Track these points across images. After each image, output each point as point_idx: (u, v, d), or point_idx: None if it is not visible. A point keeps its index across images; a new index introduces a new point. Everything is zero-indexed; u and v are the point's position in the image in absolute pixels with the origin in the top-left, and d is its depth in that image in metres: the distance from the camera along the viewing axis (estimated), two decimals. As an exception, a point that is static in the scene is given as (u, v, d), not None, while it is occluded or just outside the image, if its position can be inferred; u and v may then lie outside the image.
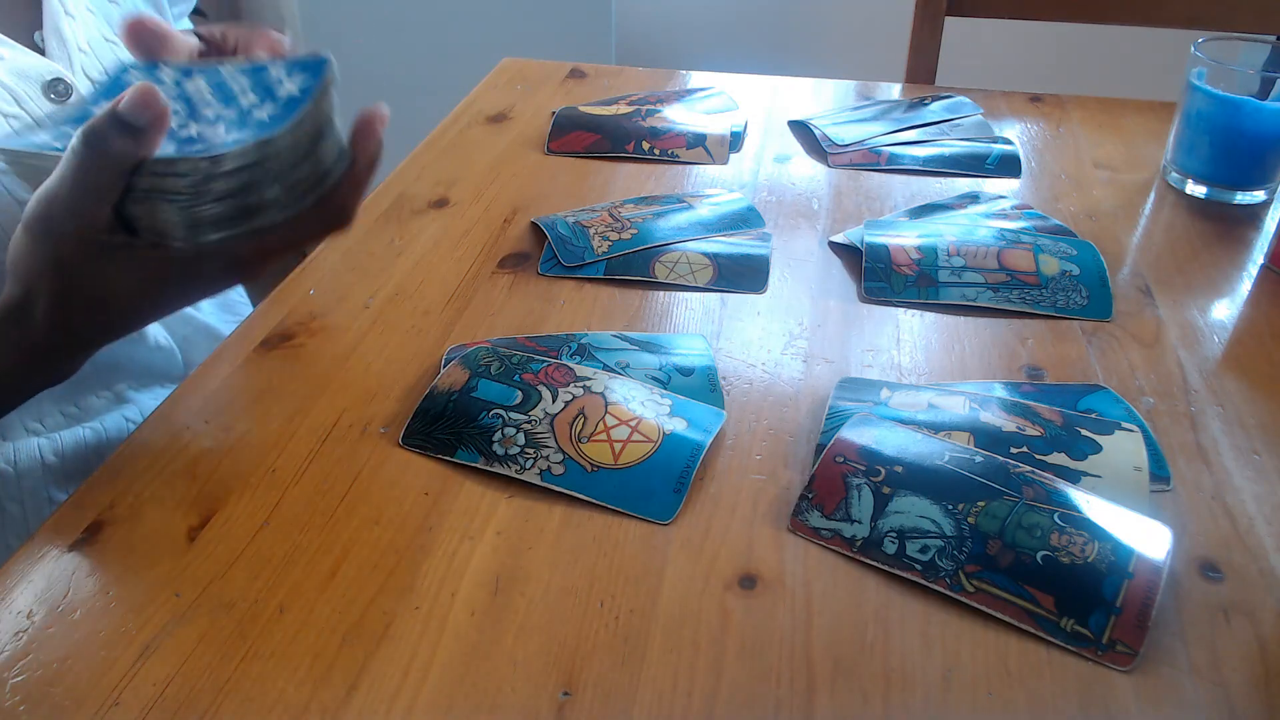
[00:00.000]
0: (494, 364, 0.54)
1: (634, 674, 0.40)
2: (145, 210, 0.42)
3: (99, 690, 0.39)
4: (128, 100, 0.39)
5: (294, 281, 0.65)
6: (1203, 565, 0.45)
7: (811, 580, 0.44)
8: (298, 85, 0.46)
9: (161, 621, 0.41)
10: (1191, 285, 0.66)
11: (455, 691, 0.39)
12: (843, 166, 0.81)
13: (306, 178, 0.45)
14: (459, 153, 0.83)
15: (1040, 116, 0.91)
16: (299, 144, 0.44)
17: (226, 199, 0.43)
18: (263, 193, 0.43)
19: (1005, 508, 0.45)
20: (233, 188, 0.42)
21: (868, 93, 0.95)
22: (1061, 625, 0.41)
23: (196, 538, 0.45)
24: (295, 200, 0.45)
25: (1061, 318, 0.62)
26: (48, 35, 0.57)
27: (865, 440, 0.49)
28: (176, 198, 0.42)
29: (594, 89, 0.96)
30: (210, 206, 0.42)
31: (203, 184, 0.41)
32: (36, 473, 0.59)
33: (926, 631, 0.42)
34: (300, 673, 0.40)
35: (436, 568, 0.44)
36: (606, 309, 0.62)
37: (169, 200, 0.42)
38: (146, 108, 0.39)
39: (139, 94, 0.39)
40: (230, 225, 0.43)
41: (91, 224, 0.41)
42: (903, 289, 0.64)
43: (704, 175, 0.80)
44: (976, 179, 0.80)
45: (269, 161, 0.43)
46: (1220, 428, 0.53)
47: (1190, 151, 0.77)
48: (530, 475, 0.49)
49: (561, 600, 0.43)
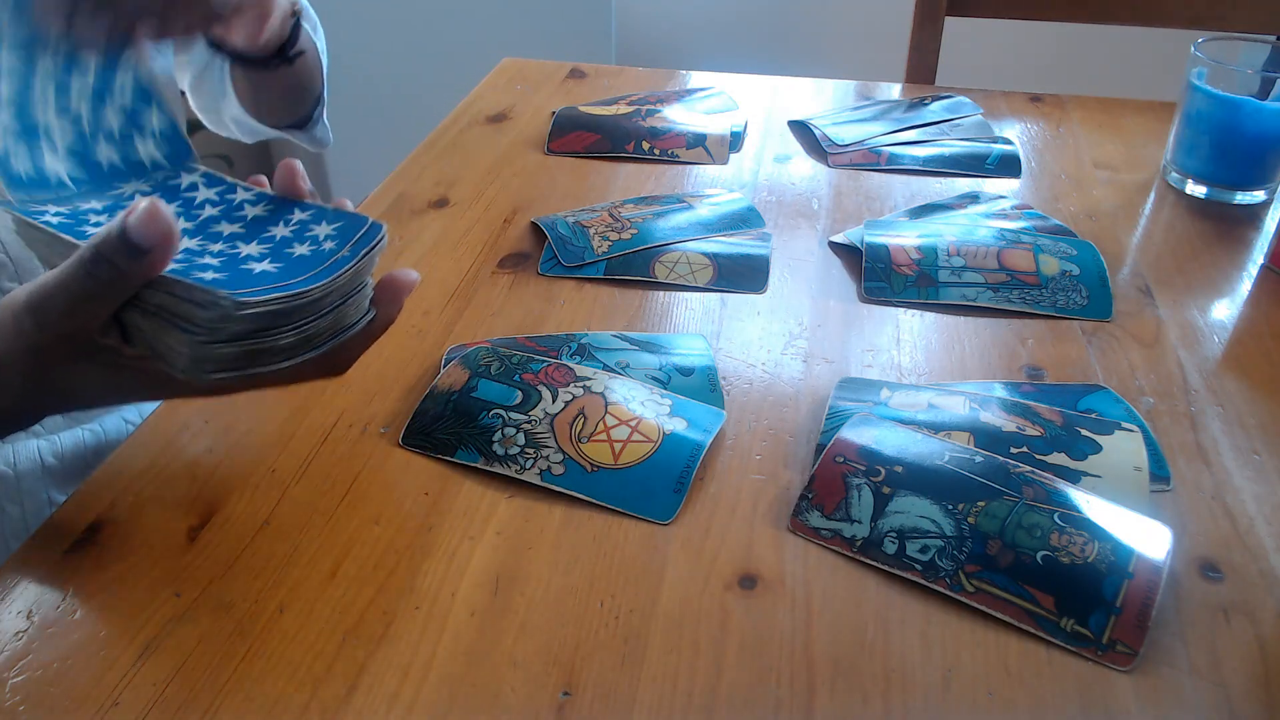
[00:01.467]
0: (494, 364, 0.54)
1: (634, 674, 0.40)
2: (151, 327, 0.40)
3: (99, 690, 0.39)
4: (135, 219, 0.37)
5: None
6: (1203, 565, 0.45)
7: (811, 580, 0.44)
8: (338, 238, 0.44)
9: (161, 621, 0.41)
10: (1191, 285, 0.66)
11: (455, 691, 0.39)
12: (843, 166, 0.81)
13: (324, 331, 0.43)
14: (459, 153, 0.83)
15: (1040, 116, 0.91)
16: (328, 300, 0.42)
17: (239, 340, 0.40)
18: (276, 339, 0.41)
19: (1005, 508, 0.45)
20: (248, 331, 0.40)
21: (868, 93, 0.95)
22: (1061, 625, 0.41)
23: (196, 538, 0.45)
24: (306, 350, 0.43)
25: (1061, 318, 0.62)
26: None
27: (865, 440, 0.49)
28: (189, 329, 0.39)
29: (594, 89, 0.96)
30: (221, 346, 0.40)
31: (219, 323, 0.39)
32: (36, 474, 0.59)
33: (926, 631, 0.42)
34: (300, 673, 0.40)
35: (436, 568, 0.44)
36: (606, 309, 0.62)
37: (180, 328, 0.39)
38: (154, 229, 0.37)
39: (146, 214, 0.37)
40: (234, 366, 0.41)
41: (85, 327, 0.39)
42: (903, 289, 0.64)
43: (704, 175, 0.80)
44: (976, 179, 0.80)
45: (294, 312, 0.41)
46: (1220, 428, 0.53)
47: (1190, 151, 0.77)
48: (530, 475, 0.49)
49: (561, 600, 0.43)
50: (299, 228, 0.46)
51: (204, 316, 0.38)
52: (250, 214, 0.47)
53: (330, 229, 0.45)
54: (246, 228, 0.46)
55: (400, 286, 0.45)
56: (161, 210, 0.37)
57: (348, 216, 0.46)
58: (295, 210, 0.47)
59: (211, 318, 0.38)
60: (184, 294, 0.39)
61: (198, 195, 0.48)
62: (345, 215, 0.46)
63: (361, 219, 0.45)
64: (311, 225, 0.46)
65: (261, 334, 0.40)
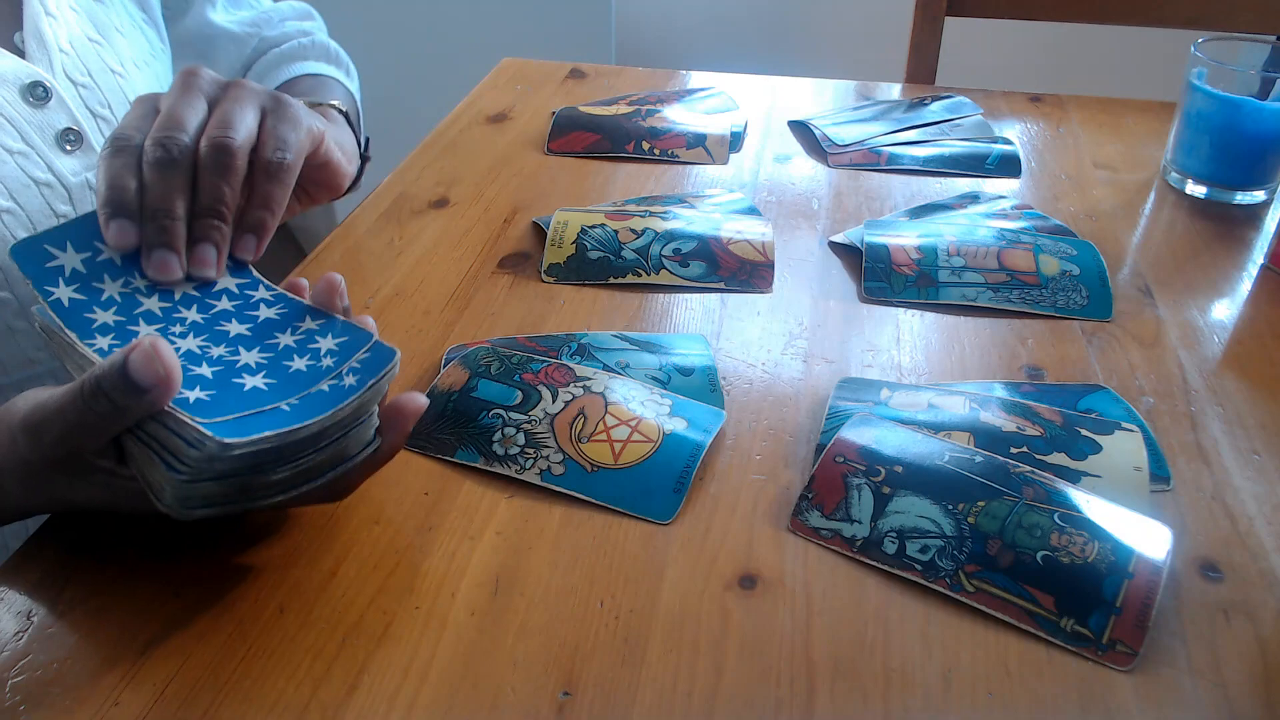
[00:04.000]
0: (494, 364, 0.54)
1: (634, 674, 0.40)
2: (141, 456, 0.39)
3: (99, 690, 0.39)
4: (136, 356, 0.36)
5: (294, 281, 0.65)
6: (1203, 565, 0.45)
7: (811, 580, 0.44)
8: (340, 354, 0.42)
9: (161, 621, 0.41)
10: (1191, 285, 0.66)
11: (455, 691, 0.39)
12: (843, 166, 0.81)
13: (323, 464, 0.41)
14: (459, 153, 0.83)
15: (1040, 116, 0.91)
16: (328, 434, 0.39)
17: (228, 478, 0.38)
18: (268, 475, 0.39)
19: (1005, 508, 0.45)
20: (238, 469, 0.38)
21: (868, 93, 0.95)
22: (1061, 625, 0.41)
23: (197, 538, 0.45)
24: (302, 483, 0.40)
25: (1061, 318, 0.62)
26: (28, 37, 0.55)
27: (865, 440, 0.49)
28: (174, 466, 0.37)
29: (594, 89, 0.96)
30: (207, 485, 0.38)
31: (205, 462, 0.37)
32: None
33: (926, 631, 0.42)
34: (300, 673, 0.40)
35: (436, 568, 0.44)
36: (606, 309, 0.62)
37: (165, 464, 0.38)
38: (152, 369, 0.36)
39: (146, 354, 0.36)
40: (222, 502, 0.39)
41: (81, 450, 0.39)
42: (903, 289, 0.64)
43: (704, 175, 0.80)
44: (976, 179, 0.80)
45: (288, 448, 0.38)
46: (1220, 428, 0.53)
47: (1190, 151, 0.77)
48: (530, 475, 0.49)
49: (561, 600, 0.43)
50: (304, 338, 0.44)
51: (188, 455, 0.37)
52: (263, 315, 0.45)
53: (334, 343, 0.43)
54: (254, 330, 0.44)
55: (408, 415, 0.43)
56: (162, 351, 0.36)
57: (354, 332, 0.43)
58: (306, 317, 0.45)
59: (198, 457, 0.37)
60: (174, 427, 0.37)
61: (222, 282, 0.46)
62: (352, 330, 0.43)
63: (367, 337, 0.43)
64: (317, 337, 0.44)
65: (252, 471, 0.38)
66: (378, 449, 0.43)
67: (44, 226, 0.55)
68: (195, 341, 0.43)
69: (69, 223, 0.45)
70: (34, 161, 0.54)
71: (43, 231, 0.44)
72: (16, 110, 0.53)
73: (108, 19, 0.59)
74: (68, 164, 0.56)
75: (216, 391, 0.40)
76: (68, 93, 0.56)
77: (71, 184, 0.56)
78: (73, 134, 0.56)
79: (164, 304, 0.44)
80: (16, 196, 0.54)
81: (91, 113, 0.57)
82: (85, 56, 0.57)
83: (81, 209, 0.57)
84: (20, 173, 0.54)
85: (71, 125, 0.56)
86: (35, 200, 0.55)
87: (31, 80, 0.54)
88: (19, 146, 0.54)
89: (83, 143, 0.56)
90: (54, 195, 0.55)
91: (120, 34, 0.61)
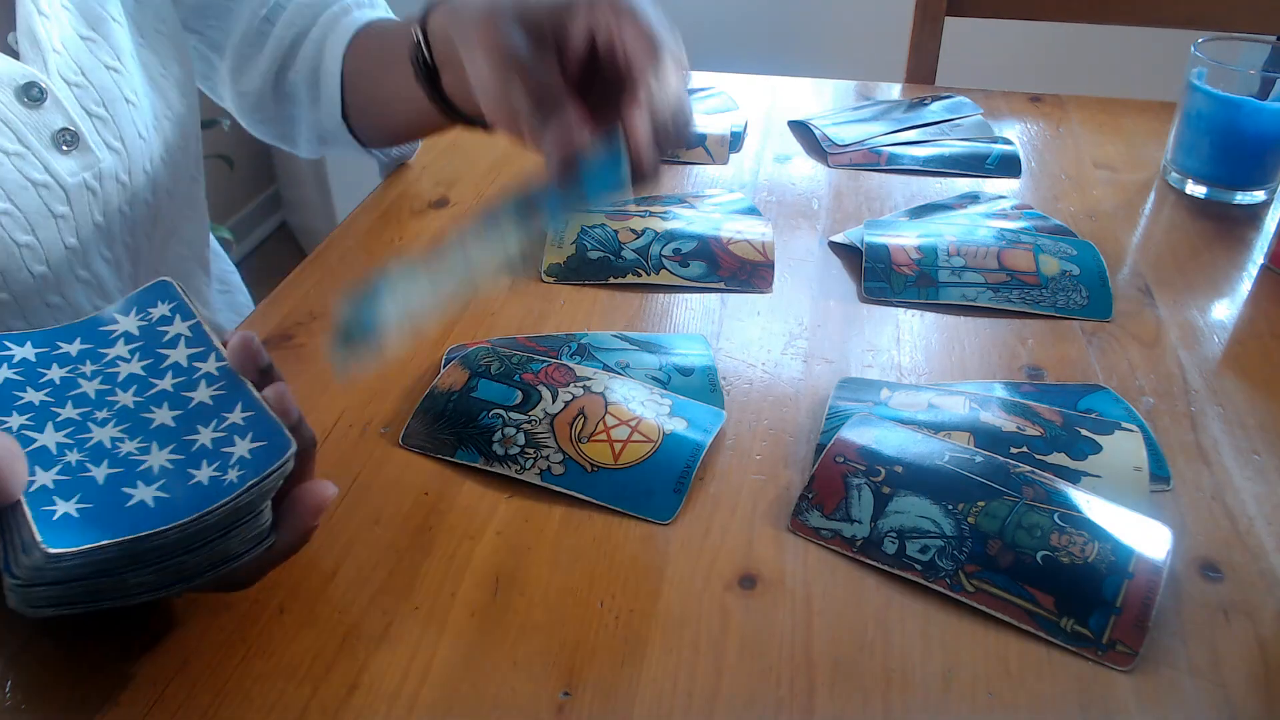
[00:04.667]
0: (494, 364, 0.54)
1: (634, 674, 0.40)
2: None
3: (99, 690, 0.39)
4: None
5: (294, 281, 0.65)
6: (1203, 565, 0.45)
7: (811, 580, 0.44)
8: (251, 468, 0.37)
9: (161, 621, 0.41)
10: (1191, 285, 0.66)
11: (455, 691, 0.39)
12: (843, 166, 0.81)
13: (198, 565, 0.36)
14: (459, 153, 0.83)
15: (1040, 116, 0.91)
16: (195, 538, 0.35)
17: (71, 583, 0.35)
18: (124, 578, 0.35)
19: (1005, 508, 0.45)
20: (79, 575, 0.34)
21: (868, 93, 0.95)
22: (1061, 625, 0.41)
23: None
24: (172, 583, 0.36)
25: (1061, 318, 0.62)
26: (21, 37, 0.54)
27: (865, 440, 0.49)
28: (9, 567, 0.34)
29: (594, 89, 0.96)
30: (44, 590, 0.34)
31: (35, 569, 0.33)
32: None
33: (926, 631, 0.42)
34: (300, 673, 0.40)
35: (436, 568, 0.44)
36: (606, 309, 0.62)
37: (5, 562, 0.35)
38: None
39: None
40: (69, 603, 0.35)
41: None
42: (903, 289, 0.64)
43: (704, 175, 0.80)
44: (976, 179, 0.80)
45: (146, 554, 0.35)
46: (1220, 428, 0.53)
47: (1190, 151, 0.77)
48: (530, 475, 0.49)
49: (561, 600, 0.43)
50: (224, 436, 0.39)
51: (24, 560, 0.34)
52: (196, 400, 0.41)
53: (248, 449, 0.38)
54: (179, 421, 0.40)
55: (313, 507, 0.39)
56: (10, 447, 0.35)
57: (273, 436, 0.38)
58: (238, 406, 0.40)
59: (27, 564, 0.34)
60: (15, 524, 0.35)
61: (172, 354, 0.43)
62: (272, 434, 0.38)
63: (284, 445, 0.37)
64: (236, 439, 0.39)
65: (99, 576, 0.35)
66: (274, 545, 0.39)
67: (41, 227, 0.55)
68: (112, 432, 0.40)
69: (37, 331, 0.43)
70: (30, 162, 0.54)
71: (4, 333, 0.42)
72: (12, 111, 0.53)
73: (101, 9, 0.59)
74: (64, 164, 0.56)
75: (95, 506, 0.36)
76: (63, 93, 0.55)
77: (68, 184, 0.56)
78: (69, 134, 0.56)
79: (102, 386, 0.41)
80: (14, 198, 0.54)
81: (87, 112, 0.57)
82: (78, 55, 0.57)
83: (78, 209, 0.57)
84: (17, 174, 0.54)
85: (68, 125, 0.55)
86: (33, 201, 0.54)
87: (26, 81, 0.54)
88: (15, 148, 0.53)
89: (79, 143, 0.56)
90: (51, 196, 0.55)
91: (115, 22, 0.60)
